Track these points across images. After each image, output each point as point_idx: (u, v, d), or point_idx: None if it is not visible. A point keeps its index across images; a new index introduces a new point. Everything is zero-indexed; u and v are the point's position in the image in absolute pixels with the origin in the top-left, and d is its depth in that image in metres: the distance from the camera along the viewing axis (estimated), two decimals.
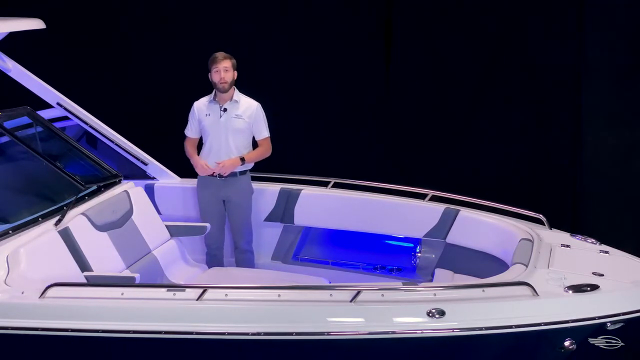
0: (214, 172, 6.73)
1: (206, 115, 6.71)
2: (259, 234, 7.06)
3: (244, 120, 6.70)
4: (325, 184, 7.08)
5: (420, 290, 4.83)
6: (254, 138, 6.84)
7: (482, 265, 6.06)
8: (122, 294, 4.87)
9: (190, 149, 6.87)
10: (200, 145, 6.91)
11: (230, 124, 6.68)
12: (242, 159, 6.71)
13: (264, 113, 6.79)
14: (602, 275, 5.05)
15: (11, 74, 6.57)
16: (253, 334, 4.66)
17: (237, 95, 6.72)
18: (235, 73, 6.66)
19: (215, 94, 6.71)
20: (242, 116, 6.70)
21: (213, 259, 6.94)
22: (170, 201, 7.12)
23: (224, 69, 6.57)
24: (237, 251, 6.95)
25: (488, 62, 8.31)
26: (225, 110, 6.67)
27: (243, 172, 6.81)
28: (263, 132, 6.81)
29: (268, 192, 7.04)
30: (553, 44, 8.08)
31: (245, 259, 6.93)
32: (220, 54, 6.63)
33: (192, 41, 8.70)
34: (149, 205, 6.71)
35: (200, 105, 6.78)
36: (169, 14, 8.83)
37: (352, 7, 8.56)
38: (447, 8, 8.32)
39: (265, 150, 6.83)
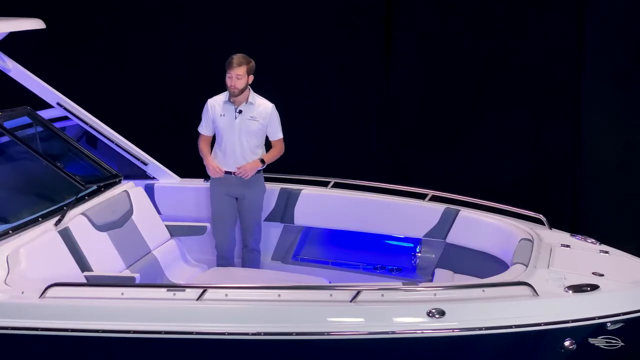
0: (234, 173, 6.68)
1: (221, 115, 6.66)
2: None
3: (258, 122, 6.66)
4: (325, 184, 7.08)
5: (420, 290, 4.84)
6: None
7: (482, 265, 6.06)
8: (122, 294, 4.87)
9: (204, 147, 6.80)
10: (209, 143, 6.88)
11: (244, 125, 6.64)
12: (262, 161, 6.69)
13: (278, 114, 6.76)
14: (602, 275, 5.05)
15: (11, 74, 6.57)
16: (253, 334, 4.66)
17: (253, 96, 6.67)
18: (251, 77, 6.58)
19: (230, 95, 6.65)
20: (257, 118, 6.65)
21: (225, 262, 6.86)
22: (170, 201, 7.11)
23: (236, 76, 6.50)
24: (245, 250, 6.91)
25: (488, 62, 8.32)
26: (240, 112, 6.62)
27: (258, 171, 6.79)
28: (277, 134, 6.78)
29: (268, 192, 7.03)
30: (553, 44, 8.08)
31: (252, 258, 6.90)
32: (235, 59, 6.53)
33: (192, 41, 8.71)
34: (149, 205, 6.70)
35: (215, 104, 6.71)
36: (169, 14, 8.83)
37: (351, 7, 8.56)
38: (447, 8, 8.32)
39: (279, 151, 6.80)
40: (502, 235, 6.04)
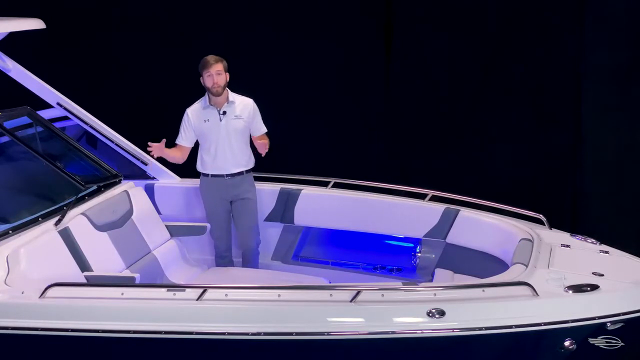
0: (225, 176, 6.65)
1: (205, 121, 6.62)
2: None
3: (243, 120, 6.66)
4: (325, 184, 7.08)
5: (420, 290, 4.84)
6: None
7: (482, 265, 6.06)
8: (122, 294, 4.88)
9: (173, 149, 6.72)
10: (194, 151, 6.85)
11: (231, 125, 6.62)
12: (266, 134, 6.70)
13: (258, 109, 6.78)
14: (602, 275, 5.05)
15: (11, 74, 6.57)
16: (253, 334, 4.66)
17: (232, 95, 6.67)
18: (228, 75, 6.58)
19: (209, 99, 6.63)
20: (241, 116, 6.65)
21: (224, 261, 6.88)
22: (170, 201, 7.11)
23: (216, 73, 6.48)
24: (246, 251, 6.88)
25: (488, 62, 8.32)
26: (224, 113, 6.61)
27: (248, 171, 6.79)
28: (262, 128, 6.79)
29: (268, 192, 7.04)
30: (553, 43, 8.08)
31: (253, 259, 6.89)
32: (211, 58, 6.53)
33: (192, 41, 8.70)
34: (149, 205, 6.71)
35: (195, 112, 6.68)
36: (168, 14, 8.83)
37: (352, 7, 8.56)
38: (447, 8, 8.32)
39: (268, 143, 6.77)
40: (502, 235, 6.04)
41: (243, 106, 6.69)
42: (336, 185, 7.05)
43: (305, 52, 8.63)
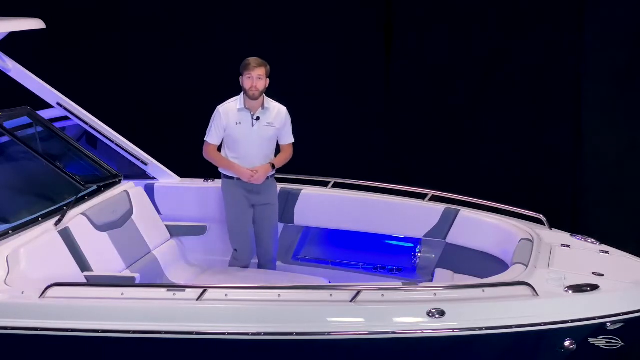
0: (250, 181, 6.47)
1: (237, 123, 6.42)
2: None
3: (275, 127, 6.50)
4: (325, 184, 7.07)
5: (420, 290, 4.84)
6: None
7: (482, 265, 6.06)
8: (122, 294, 4.87)
9: (220, 157, 6.54)
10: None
11: (262, 133, 6.45)
12: (272, 166, 6.52)
13: (290, 117, 6.63)
14: (602, 275, 5.05)
15: (11, 74, 6.57)
16: (253, 334, 4.67)
17: (267, 101, 6.49)
18: (268, 81, 6.40)
19: (245, 101, 6.44)
20: (274, 124, 6.49)
21: (238, 264, 6.74)
22: (170, 201, 7.10)
23: (257, 77, 6.31)
24: (266, 256, 6.74)
25: (488, 62, 8.32)
26: (257, 118, 6.43)
27: (273, 176, 6.65)
28: (289, 138, 6.65)
29: None
30: (553, 43, 8.09)
31: (272, 265, 6.79)
32: (254, 60, 6.34)
33: (192, 42, 8.71)
34: (149, 205, 6.70)
35: (228, 112, 6.46)
36: (168, 14, 8.83)
37: (352, 7, 8.57)
38: (447, 8, 8.32)
39: (289, 155, 6.66)
40: (502, 235, 6.04)
41: (277, 113, 6.52)
42: (336, 185, 7.05)
43: (305, 52, 8.63)
